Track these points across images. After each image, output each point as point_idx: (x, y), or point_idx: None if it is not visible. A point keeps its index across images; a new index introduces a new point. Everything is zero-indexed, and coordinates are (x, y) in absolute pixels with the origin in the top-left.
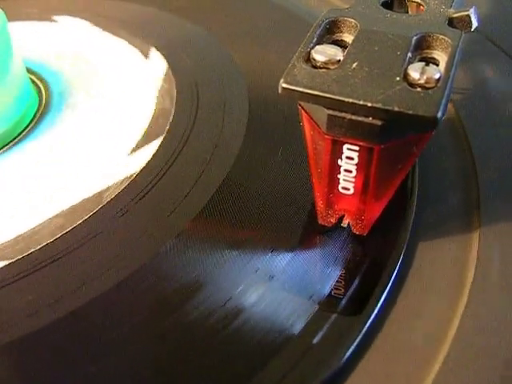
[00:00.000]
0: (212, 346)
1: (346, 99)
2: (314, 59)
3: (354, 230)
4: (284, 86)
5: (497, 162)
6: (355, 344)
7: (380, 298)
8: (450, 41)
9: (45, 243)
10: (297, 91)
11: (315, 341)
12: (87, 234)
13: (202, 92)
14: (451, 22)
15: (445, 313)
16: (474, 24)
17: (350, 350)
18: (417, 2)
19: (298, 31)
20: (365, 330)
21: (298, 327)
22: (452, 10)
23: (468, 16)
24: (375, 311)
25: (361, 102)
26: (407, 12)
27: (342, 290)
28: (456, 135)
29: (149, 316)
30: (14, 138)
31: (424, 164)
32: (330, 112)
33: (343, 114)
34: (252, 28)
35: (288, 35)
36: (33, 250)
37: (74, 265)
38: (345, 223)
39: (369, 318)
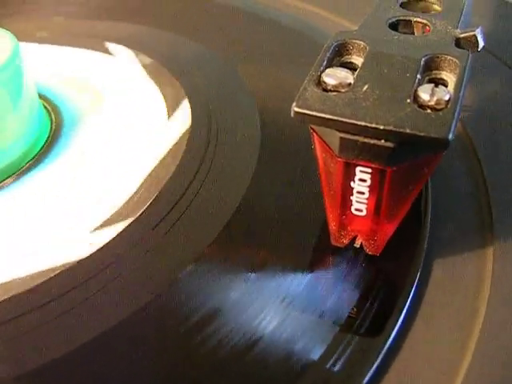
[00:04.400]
0: (229, 374)
1: (359, 122)
2: (325, 82)
3: (367, 251)
4: (296, 109)
5: (507, 177)
6: (375, 367)
7: (398, 319)
8: (457, 61)
9: (60, 270)
10: (309, 115)
11: (334, 367)
12: (103, 263)
13: (214, 115)
14: (458, 43)
15: (463, 331)
16: (481, 44)
17: (370, 375)
18: (423, 23)
19: (307, 51)
20: (384, 351)
21: (316, 353)
22: (458, 31)
23: (475, 36)
24: (394, 332)
25: (373, 125)
26: (413, 32)
27: (360, 312)
28: (465, 152)
29: (167, 344)
30: (28, 162)
31: (434, 182)
32: (343, 135)
33: (355, 137)
34: (261, 49)
35: (296, 55)
36: (49, 276)
37: (91, 294)
38: (357, 243)
39: (388, 339)
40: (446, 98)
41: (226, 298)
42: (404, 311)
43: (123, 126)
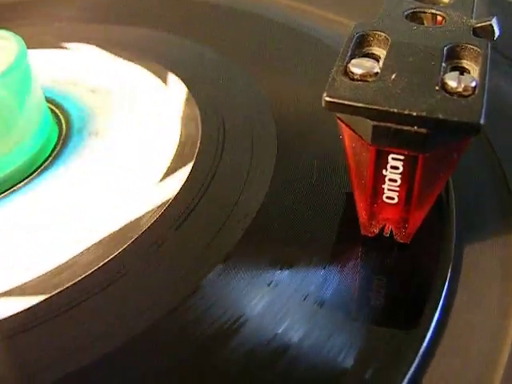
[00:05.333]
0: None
1: (392, 110)
2: (352, 72)
3: (398, 239)
4: (328, 99)
5: None
6: (415, 366)
7: (435, 312)
8: (479, 50)
9: (79, 278)
10: (341, 104)
11: (368, 371)
12: (123, 267)
13: (226, 118)
14: (475, 32)
15: (500, 321)
16: (497, 33)
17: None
18: (438, 14)
19: (317, 55)
20: (423, 347)
21: (350, 357)
22: (474, 21)
23: (491, 25)
24: (431, 329)
25: (406, 112)
26: (422, 24)
27: (397, 308)
28: (479, 141)
29: (192, 352)
30: (38, 168)
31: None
32: (375, 123)
33: (388, 125)
34: (271, 52)
35: (308, 59)
36: (67, 285)
37: (111, 300)
38: (387, 232)
39: (425, 337)
40: (473, 84)
41: (253, 302)
42: (440, 305)
43: (132, 130)
